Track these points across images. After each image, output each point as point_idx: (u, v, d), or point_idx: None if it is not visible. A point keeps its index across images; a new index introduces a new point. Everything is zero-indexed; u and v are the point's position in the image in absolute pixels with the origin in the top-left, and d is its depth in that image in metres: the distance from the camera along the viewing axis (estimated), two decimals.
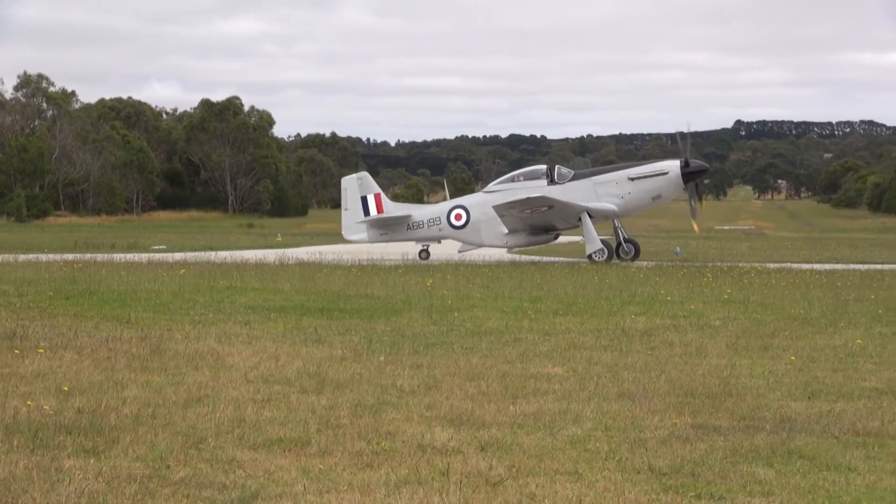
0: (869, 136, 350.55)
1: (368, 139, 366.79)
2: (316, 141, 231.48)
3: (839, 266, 47.27)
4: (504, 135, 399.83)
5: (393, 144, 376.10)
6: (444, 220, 51.53)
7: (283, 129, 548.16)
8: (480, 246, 51.79)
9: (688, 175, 50.19)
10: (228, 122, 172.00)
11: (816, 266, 47.04)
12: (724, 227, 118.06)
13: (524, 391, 16.88)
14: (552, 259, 51.47)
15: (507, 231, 50.06)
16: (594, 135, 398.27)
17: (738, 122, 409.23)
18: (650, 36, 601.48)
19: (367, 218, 52.21)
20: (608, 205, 49.51)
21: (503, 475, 12.00)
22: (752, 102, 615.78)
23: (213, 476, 11.88)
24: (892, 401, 16.29)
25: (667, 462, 12.57)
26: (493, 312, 27.76)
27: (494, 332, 23.89)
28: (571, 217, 49.06)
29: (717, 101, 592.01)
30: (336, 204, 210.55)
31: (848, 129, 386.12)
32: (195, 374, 18.02)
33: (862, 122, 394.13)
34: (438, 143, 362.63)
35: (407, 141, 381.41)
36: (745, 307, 29.39)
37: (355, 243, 54.35)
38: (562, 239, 57.12)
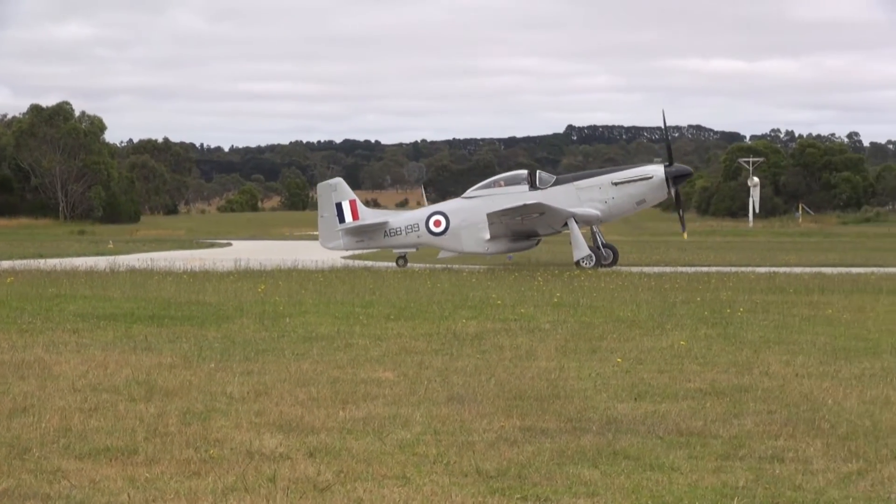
0: (697, 140, 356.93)
1: (202, 144, 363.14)
2: (148, 147, 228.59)
3: (668, 269, 48.10)
4: (338, 140, 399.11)
5: (227, 150, 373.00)
6: (422, 226, 50.60)
7: (115, 135, 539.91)
8: (461, 253, 51.07)
9: (672, 179, 49.81)
10: (59, 128, 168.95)
11: (646, 269, 47.83)
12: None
13: (354, 396, 16.91)
14: (385, 265, 51.52)
15: (488, 237, 49.38)
16: (428, 140, 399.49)
17: (570, 127, 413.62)
18: (484, 41, 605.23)
19: (344, 226, 50.99)
20: (592, 210, 49.02)
21: (331, 480, 12.01)
22: (584, 107, 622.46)
23: (37, 487, 11.71)
24: (716, 401, 16.63)
25: (494, 465, 12.70)
26: (325, 318, 27.74)
27: (326, 338, 23.87)
28: (558, 223, 48.63)
29: (549, 107, 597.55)
30: (169, 210, 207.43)
31: (677, 134, 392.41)
32: (21, 384, 17.72)
33: (690, 126, 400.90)
34: (272, 149, 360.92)
35: (241, 146, 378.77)
36: (574, 310, 29.77)
37: (332, 251, 53.31)
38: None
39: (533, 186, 49.70)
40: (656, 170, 49.63)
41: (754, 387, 17.87)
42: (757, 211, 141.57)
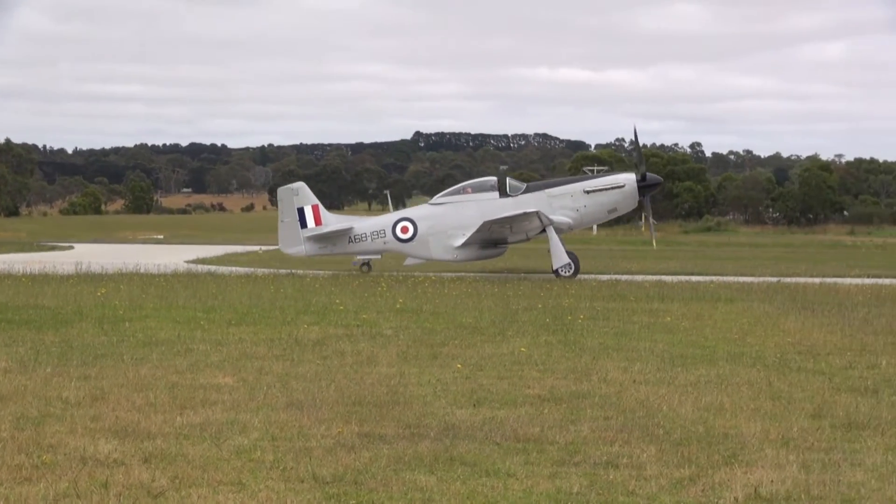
0: (543, 148, 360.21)
1: (45, 146, 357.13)
2: None
3: (512, 275, 48.39)
4: (184, 143, 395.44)
5: (70, 152, 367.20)
6: (389, 232, 49.24)
7: None
8: (428, 260, 49.65)
9: (643, 188, 49.33)
10: None
11: (489, 275, 48.07)
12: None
13: (192, 402, 16.77)
14: (229, 269, 51.11)
15: (457, 245, 48.30)
16: (276, 144, 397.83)
17: (418, 134, 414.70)
18: (333, 47, 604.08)
19: (308, 231, 49.70)
20: (564, 218, 48.32)
21: (165, 486, 11.90)
22: (431, 114, 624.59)
23: None
24: (554, 407, 16.80)
25: (331, 471, 12.68)
26: (165, 322, 27.46)
27: (166, 343, 23.63)
28: (534, 232, 47.91)
29: (398, 113, 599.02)
30: (10, 212, 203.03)
31: (523, 142, 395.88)
32: None
33: (536, 134, 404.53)
34: (117, 151, 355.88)
35: (85, 148, 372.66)
36: (417, 316, 29.84)
37: (293, 256, 51.28)
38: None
39: (503, 193, 48.88)
40: (628, 178, 49.17)
41: (592, 393, 18.08)
42: None
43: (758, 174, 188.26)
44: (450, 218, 48.75)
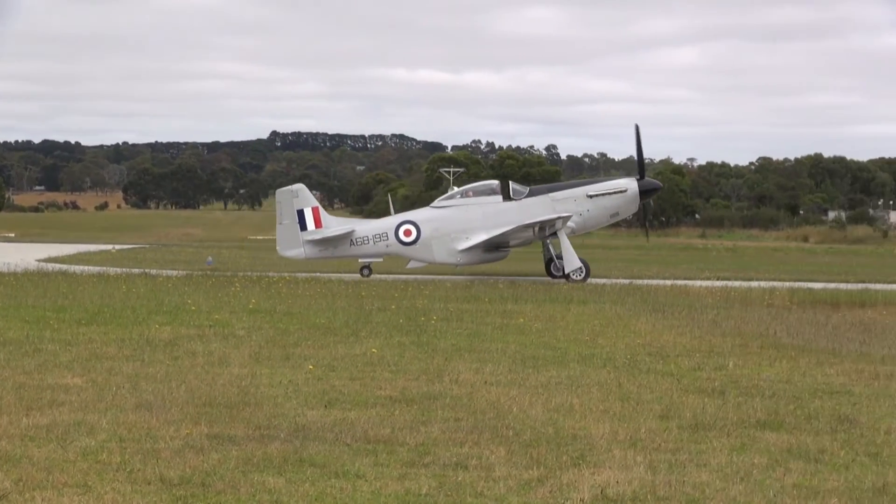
0: (400, 149, 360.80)
1: None
2: None
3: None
4: (37, 140, 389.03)
5: None
6: (391, 235, 48.78)
7: None
8: (431, 263, 49.45)
9: (643, 193, 49.45)
10: None
11: (345, 276, 47.96)
12: (258, 238, 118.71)
13: (39, 403, 16.51)
14: (81, 269, 50.38)
15: (461, 248, 48.25)
16: (130, 142, 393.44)
17: (275, 133, 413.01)
18: (190, 45, 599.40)
19: (309, 234, 48.98)
20: (569, 223, 48.05)
21: (9, 489, 11.70)
22: (289, 114, 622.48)
23: None
24: (405, 408, 16.82)
25: (178, 472, 12.56)
26: (14, 322, 27.01)
27: (14, 343, 23.25)
28: (537, 235, 48.00)
29: (255, 112, 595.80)
30: None
31: (380, 143, 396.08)
32: None
33: (393, 135, 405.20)
34: None
35: None
36: (271, 316, 29.70)
37: (291, 259, 50.52)
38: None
39: (507, 197, 48.80)
40: (629, 183, 49.10)
41: (443, 394, 18.13)
42: None
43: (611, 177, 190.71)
44: (454, 221, 48.66)
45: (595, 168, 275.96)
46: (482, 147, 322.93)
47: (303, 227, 49.12)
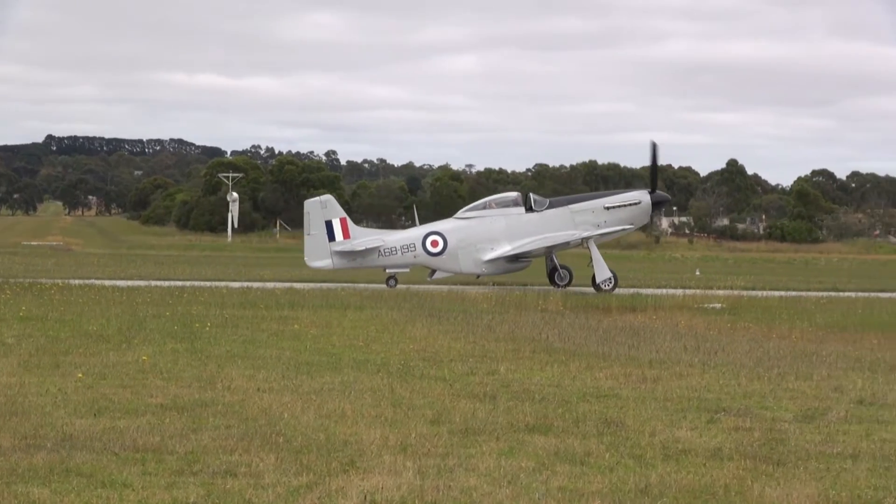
0: (179, 154, 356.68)
1: None
2: None
3: (141, 282, 47.64)
4: None
5: None
6: (419, 246, 49.39)
7: None
8: (457, 273, 50.05)
9: (655, 205, 51.15)
10: None
11: (119, 283, 47.22)
12: (32, 243, 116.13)
13: None
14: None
15: (486, 258, 49.14)
16: None
17: (50, 137, 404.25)
18: None
19: (338, 245, 49.08)
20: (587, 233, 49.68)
21: None
22: (65, 118, 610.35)
23: None
24: (176, 416, 16.67)
25: None
26: None
27: None
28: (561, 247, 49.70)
29: (29, 115, 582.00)
30: None
31: (158, 147, 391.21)
32: None
33: (172, 140, 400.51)
34: None
35: None
36: (42, 324, 29.13)
37: (319, 269, 50.29)
38: None
39: (529, 209, 49.97)
40: (643, 196, 50.55)
41: (216, 402, 18.02)
42: (236, 226, 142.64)
43: (391, 182, 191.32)
44: (478, 232, 49.80)
45: (375, 173, 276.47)
46: (262, 152, 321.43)
47: (331, 237, 49.57)
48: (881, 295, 48.56)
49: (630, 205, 50.52)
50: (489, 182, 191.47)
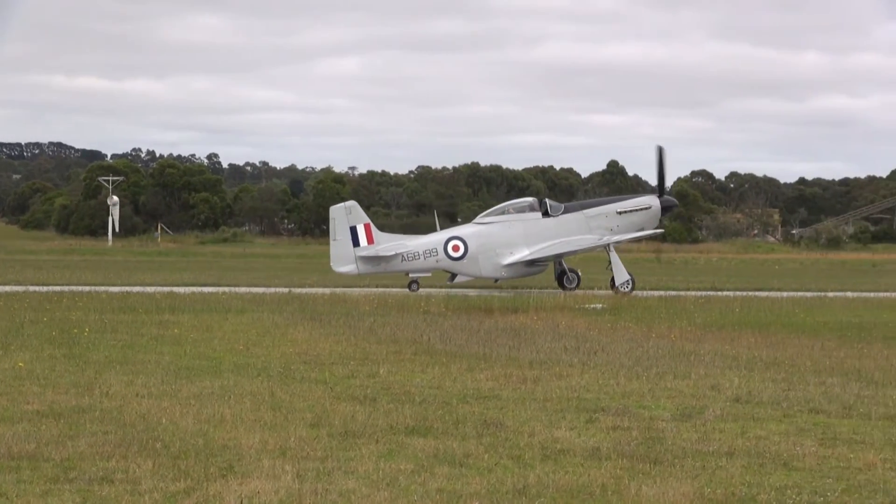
0: (58, 158, 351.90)
1: None
2: None
3: (19, 288, 47.01)
4: None
5: None
6: (441, 251, 50.30)
7: None
8: (478, 277, 51.08)
9: (664, 209, 52.60)
10: None
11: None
12: None
13: None
14: None
15: (505, 263, 50.13)
16: None
17: None
18: None
19: (362, 251, 49.63)
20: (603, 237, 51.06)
21: None
22: None
23: None
24: (52, 423, 16.47)
25: None
26: None
27: None
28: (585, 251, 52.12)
29: None
30: None
31: (37, 151, 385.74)
32: None
33: (51, 143, 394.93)
34: None
35: None
36: None
37: (345, 275, 50.65)
38: None
39: (545, 214, 51.14)
40: (653, 201, 51.95)
41: (93, 408, 17.85)
42: (117, 230, 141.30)
43: (274, 186, 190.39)
44: (498, 236, 50.87)
45: (257, 177, 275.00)
46: (143, 155, 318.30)
47: (355, 243, 50.26)
48: (758, 294, 49.28)
49: (641, 209, 52.07)
50: (372, 184, 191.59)
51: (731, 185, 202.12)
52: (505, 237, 50.94)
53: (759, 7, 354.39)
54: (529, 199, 54.64)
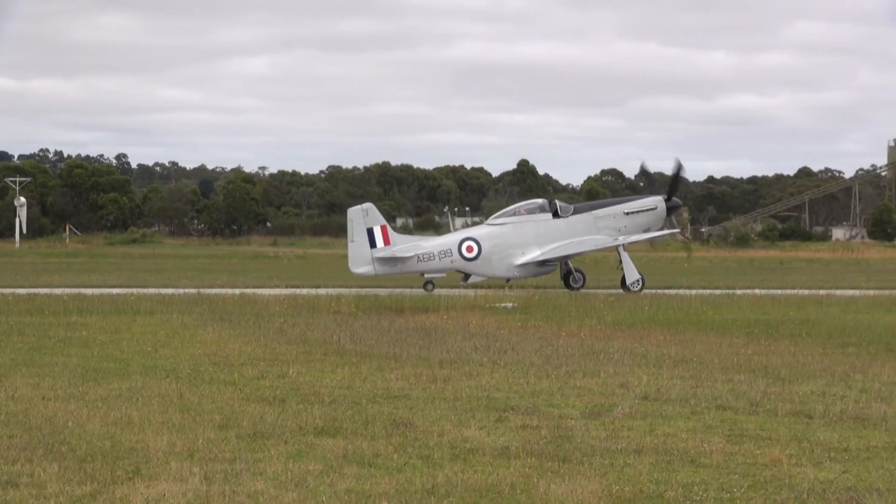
0: None
1: None
2: None
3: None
4: None
5: None
6: (455, 252, 50.84)
7: None
8: (491, 277, 51.67)
9: (669, 210, 53.50)
10: None
11: None
12: None
13: None
14: None
15: (517, 263, 50.85)
16: None
17: None
18: None
19: (379, 252, 50.05)
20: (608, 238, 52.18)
21: None
22: None
23: None
24: None
25: None
26: None
27: None
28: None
29: None
30: None
31: None
32: None
33: None
34: None
35: None
36: None
37: (362, 275, 50.74)
38: None
39: (556, 215, 51.95)
40: (659, 202, 52.96)
41: None
42: (24, 231, 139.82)
43: (183, 186, 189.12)
44: (511, 237, 51.44)
45: (167, 177, 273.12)
46: (51, 156, 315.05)
47: (372, 244, 50.60)
48: (668, 291, 49.69)
49: (647, 210, 53.08)
50: (283, 184, 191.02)
51: (641, 184, 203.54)
52: (517, 238, 51.81)
53: (668, 7, 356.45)
54: (539, 200, 55.88)
